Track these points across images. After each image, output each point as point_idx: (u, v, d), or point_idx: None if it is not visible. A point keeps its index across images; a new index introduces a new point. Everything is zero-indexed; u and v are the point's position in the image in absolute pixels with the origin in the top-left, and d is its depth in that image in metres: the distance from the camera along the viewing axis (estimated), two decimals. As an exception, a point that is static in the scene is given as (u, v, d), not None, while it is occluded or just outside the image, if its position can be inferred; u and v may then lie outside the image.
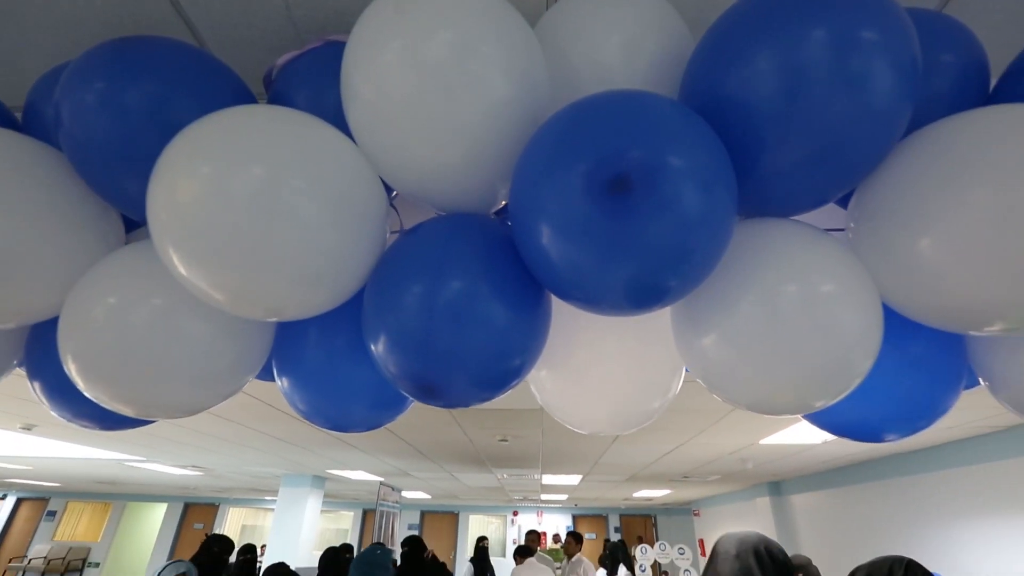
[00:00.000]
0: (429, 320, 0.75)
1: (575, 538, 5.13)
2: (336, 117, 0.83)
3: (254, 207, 0.67)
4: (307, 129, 0.74)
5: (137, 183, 0.82)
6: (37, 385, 0.97)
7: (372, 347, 0.81)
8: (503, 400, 0.89)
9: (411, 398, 0.97)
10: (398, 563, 3.86)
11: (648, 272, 0.64)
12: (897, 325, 0.81)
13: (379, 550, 2.70)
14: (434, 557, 4.34)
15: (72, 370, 0.81)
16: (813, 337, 0.71)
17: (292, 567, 3.24)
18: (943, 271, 0.65)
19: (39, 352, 0.96)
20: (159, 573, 2.00)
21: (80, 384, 0.82)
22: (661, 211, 0.59)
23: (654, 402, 1.01)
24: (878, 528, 5.48)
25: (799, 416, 0.94)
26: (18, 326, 0.89)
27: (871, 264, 0.75)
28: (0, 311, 0.81)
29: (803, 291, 0.72)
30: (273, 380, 1.03)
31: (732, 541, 1.28)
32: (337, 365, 0.95)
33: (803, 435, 4.21)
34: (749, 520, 8.40)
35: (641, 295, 0.68)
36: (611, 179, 0.58)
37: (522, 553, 4.80)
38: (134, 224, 1.06)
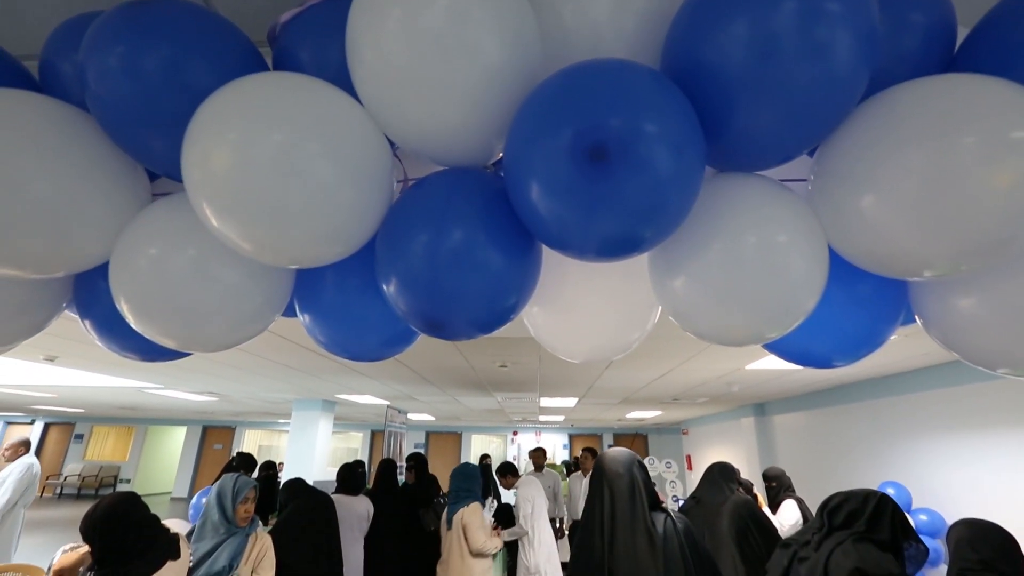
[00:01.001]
0: (434, 265, 0.86)
1: (592, 455, 5.26)
2: (339, 71, 0.89)
3: (276, 169, 0.75)
4: (319, 95, 0.80)
5: (161, 141, 0.90)
6: (88, 323, 1.10)
7: (385, 288, 0.93)
8: (502, 330, 1.02)
9: (420, 332, 1.09)
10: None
11: (624, 227, 0.74)
12: (845, 268, 0.92)
13: (471, 464, 3.39)
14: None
15: (124, 310, 0.93)
16: (766, 280, 0.83)
17: (309, 482, 3.58)
18: (880, 226, 0.75)
19: (87, 295, 1.08)
20: (235, 484, 2.12)
21: (132, 321, 0.95)
22: (635, 175, 0.68)
23: (633, 334, 1.14)
24: (850, 444, 5.92)
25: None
26: (67, 274, 1.00)
27: (823, 216, 0.84)
28: (54, 262, 0.91)
29: (760, 240, 0.82)
30: (296, 316, 1.16)
31: (617, 461, 1.44)
32: (353, 303, 1.07)
33: (785, 361, 4.43)
34: (735, 437, 8.99)
35: (618, 246, 0.78)
36: (590, 148, 0.66)
37: (511, 472, 4.94)
38: (154, 175, 1.14)
